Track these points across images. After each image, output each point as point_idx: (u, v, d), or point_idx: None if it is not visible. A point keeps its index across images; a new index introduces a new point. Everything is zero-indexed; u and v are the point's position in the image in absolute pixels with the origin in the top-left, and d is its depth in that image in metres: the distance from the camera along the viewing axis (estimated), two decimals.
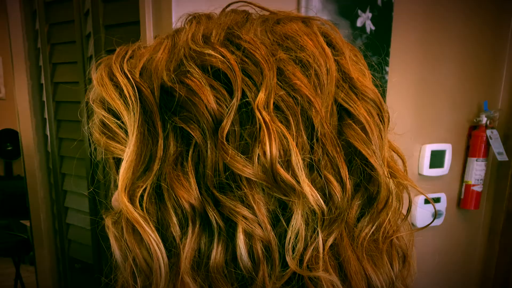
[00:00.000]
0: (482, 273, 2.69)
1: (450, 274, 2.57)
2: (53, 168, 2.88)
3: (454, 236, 2.49)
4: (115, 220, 0.66)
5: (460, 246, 2.55)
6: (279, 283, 0.62)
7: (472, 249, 2.62)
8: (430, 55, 2.15)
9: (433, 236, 2.40)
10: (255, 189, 0.61)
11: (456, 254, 2.55)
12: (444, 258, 2.50)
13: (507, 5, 2.34)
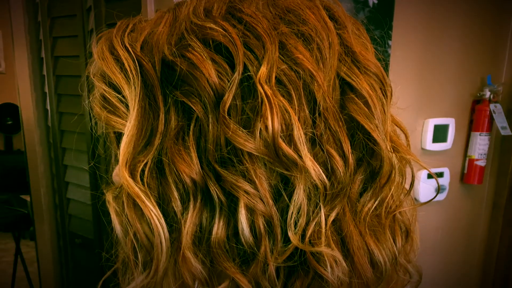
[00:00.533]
0: (486, 248, 2.70)
1: (453, 249, 2.57)
2: (54, 143, 2.88)
3: (457, 211, 2.49)
4: (116, 195, 0.66)
5: (463, 221, 2.55)
6: (281, 259, 0.62)
7: (476, 224, 2.62)
8: (433, 29, 2.13)
9: (436, 211, 2.40)
10: (257, 164, 0.60)
11: (460, 229, 2.56)
12: (447, 233, 2.51)
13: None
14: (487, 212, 2.63)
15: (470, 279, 2.73)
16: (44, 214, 3.38)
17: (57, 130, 2.78)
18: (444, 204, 2.40)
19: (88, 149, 2.51)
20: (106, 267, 0.77)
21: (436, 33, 2.15)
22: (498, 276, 2.70)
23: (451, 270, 2.61)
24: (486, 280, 2.74)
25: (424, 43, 2.13)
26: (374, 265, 0.66)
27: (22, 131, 3.23)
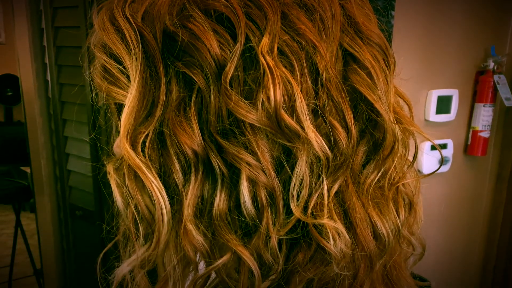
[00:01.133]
0: (489, 219, 2.71)
1: (457, 221, 2.58)
2: (54, 114, 2.87)
3: (461, 183, 2.49)
4: (116, 167, 0.66)
5: (467, 193, 2.55)
6: (283, 231, 0.62)
7: (480, 196, 2.63)
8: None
9: (440, 183, 2.40)
10: (259, 135, 0.60)
11: (463, 201, 2.56)
12: (451, 205, 2.51)
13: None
14: (491, 184, 2.63)
15: (474, 250, 2.75)
16: (44, 186, 3.38)
17: (58, 101, 2.77)
18: (448, 176, 2.40)
19: (89, 120, 2.51)
20: (107, 239, 0.77)
21: (440, 3, 2.14)
22: (501, 248, 2.71)
23: (454, 242, 2.62)
24: (490, 252, 2.75)
25: (427, 14, 2.12)
26: (377, 238, 0.65)
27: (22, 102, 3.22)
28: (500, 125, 2.52)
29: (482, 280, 2.83)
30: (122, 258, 0.70)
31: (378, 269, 0.67)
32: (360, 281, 0.65)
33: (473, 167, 2.51)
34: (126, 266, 0.66)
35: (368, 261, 0.65)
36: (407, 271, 0.76)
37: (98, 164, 2.33)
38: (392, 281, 0.72)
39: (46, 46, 2.64)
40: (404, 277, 0.74)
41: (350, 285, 0.65)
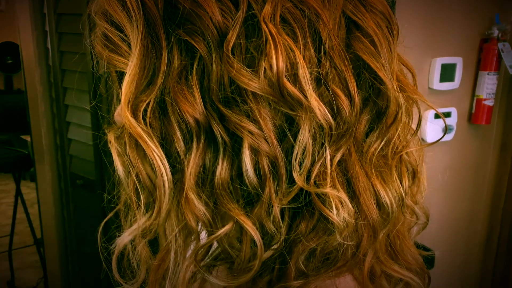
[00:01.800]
0: (494, 188, 2.71)
1: (461, 190, 2.58)
2: (54, 82, 2.86)
3: (465, 151, 2.49)
4: (117, 135, 0.66)
5: (471, 161, 2.55)
6: (286, 200, 0.62)
7: (484, 165, 2.63)
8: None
9: (444, 152, 2.40)
10: (261, 104, 0.60)
11: (467, 169, 2.56)
12: (455, 174, 2.51)
13: None
14: (495, 153, 2.63)
15: (478, 219, 2.75)
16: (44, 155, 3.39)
17: (58, 69, 2.76)
18: (452, 144, 2.40)
19: (90, 88, 2.50)
20: (108, 208, 0.77)
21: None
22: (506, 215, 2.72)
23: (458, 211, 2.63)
24: (494, 220, 2.76)
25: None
26: (381, 207, 0.65)
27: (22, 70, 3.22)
28: (504, 94, 2.51)
29: (486, 249, 2.84)
30: (123, 227, 0.70)
31: (381, 238, 0.67)
32: (363, 251, 0.65)
33: (477, 136, 2.50)
34: (127, 235, 0.67)
35: (371, 230, 0.65)
36: (411, 241, 0.76)
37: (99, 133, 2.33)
38: (396, 250, 0.72)
39: (46, 13, 2.63)
40: (408, 247, 0.74)
41: (353, 254, 0.65)
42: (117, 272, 0.69)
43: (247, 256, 0.63)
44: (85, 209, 3.05)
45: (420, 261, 0.75)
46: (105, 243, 0.71)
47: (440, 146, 2.35)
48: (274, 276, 0.65)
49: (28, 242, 5.33)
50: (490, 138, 2.58)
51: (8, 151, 4.67)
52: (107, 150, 0.67)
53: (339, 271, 0.65)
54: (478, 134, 2.51)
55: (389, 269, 0.71)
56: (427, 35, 2.15)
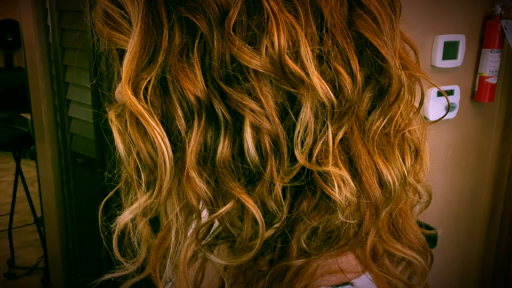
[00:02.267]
0: (497, 166, 2.71)
1: (464, 168, 2.58)
2: (55, 60, 2.86)
3: (468, 129, 2.49)
4: (118, 113, 0.66)
5: (474, 140, 2.55)
6: (288, 178, 0.62)
7: (487, 143, 2.63)
8: None
9: (446, 130, 2.40)
10: (262, 81, 0.59)
11: (470, 148, 2.56)
12: (458, 152, 2.51)
13: None
14: (498, 131, 2.62)
15: (481, 198, 2.75)
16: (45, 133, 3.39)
17: (59, 47, 2.76)
18: (455, 122, 2.39)
19: (90, 66, 2.50)
20: (108, 187, 0.77)
21: None
22: (509, 193, 2.72)
23: (461, 189, 2.63)
24: (497, 198, 2.76)
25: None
26: (383, 185, 0.65)
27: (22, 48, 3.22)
28: (507, 71, 2.50)
29: (489, 227, 2.85)
30: (124, 206, 0.70)
31: (383, 217, 0.67)
32: (365, 230, 0.65)
33: (480, 114, 2.50)
34: (128, 214, 0.67)
35: (374, 209, 0.65)
36: (413, 219, 0.76)
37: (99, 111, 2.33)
38: (398, 229, 0.72)
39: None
40: (410, 225, 0.74)
41: (355, 233, 0.65)
42: (118, 251, 0.69)
43: (248, 235, 0.63)
44: (86, 188, 3.06)
45: (423, 240, 0.75)
46: (105, 222, 0.71)
47: (443, 124, 2.35)
48: (276, 255, 0.65)
49: (28, 220, 5.35)
50: (493, 116, 2.57)
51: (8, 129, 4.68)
52: (108, 128, 0.67)
53: (341, 250, 0.65)
54: (481, 112, 2.50)
55: (391, 248, 0.71)
56: (429, 12, 2.14)
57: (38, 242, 4.91)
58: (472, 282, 2.96)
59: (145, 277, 0.69)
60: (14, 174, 4.68)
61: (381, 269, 0.72)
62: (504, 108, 2.58)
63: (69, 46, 2.72)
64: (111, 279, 0.71)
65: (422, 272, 0.75)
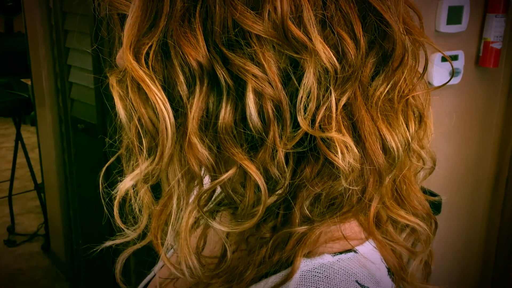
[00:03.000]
0: (501, 132, 2.70)
1: (468, 134, 2.58)
2: (55, 25, 2.85)
3: (472, 95, 2.48)
4: (119, 79, 0.65)
5: (478, 105, 2.54)
6: (290, 144, 0.61)
7: (491, 108, 2.62)
8: None
9: (451, 95, 2.39)
10: (265, 47, 0.59)
11: (475, 113, 2.55)
12: (462, 117, 2.50)
13: None
14: (503, 96, 2.62)
15: (486, 163, 2.75)
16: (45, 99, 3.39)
17: (59, 12, 2.74)
18: (459, 88, 2.38)
19: (91, 31, 2.48)
20: (109, 153, 0.77)
21: None
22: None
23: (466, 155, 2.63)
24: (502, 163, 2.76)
25: None
26: (386, 151, 0.65)
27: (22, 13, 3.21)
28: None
29: (494, 193, 2.85)
30: (125, 172, 0.71)
31: (387, 183, 0.67)
32: (369, 196, 0.65)
33: (485, 79, 2.48)
34: (129, 180, 0.67)
35: (377, 175, 0.64)
36: (417, 186, 0.76)
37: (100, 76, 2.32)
38: (402, 196, 0.72)
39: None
40: (414, 192, 0.74)
41: (358, 200, 0.65)
42: (119, 218, 0.70)
43: (251, 202, 0.63)
44: (87, 154, 3.06)
45: (427, 207, 0.75)
46: (106, 188, 0.71)
47: (447, 90, 2.34)
48: (279, 222, 0.65)
49: (29, 187, 5.37)
50: (497, 81, 2.56)
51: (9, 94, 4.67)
52: (109, 93, 0.66)
53: (344, 216, 0.65)
54: (486, 78, 2.49)
55: (395, 214, 0.71)
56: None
57: (38, 208, 4.93)
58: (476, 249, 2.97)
59: (146, 244, 0.69)
60: (14, 140, 4.68)
61: (384, 236, 0.72)
62: (508, 73, 2.57)
63: (69, 11, 2.71)
64: (112, 246, 0.71)
65: (426, 239, 0.75)
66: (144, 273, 0.96)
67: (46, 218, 4.38)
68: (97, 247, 0.75)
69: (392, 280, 0.70)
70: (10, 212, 4.86)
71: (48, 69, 3.28)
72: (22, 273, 4.23)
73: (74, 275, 3.98)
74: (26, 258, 4.45)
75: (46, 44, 3.21)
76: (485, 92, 2.53)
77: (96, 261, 2.99)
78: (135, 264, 2.66)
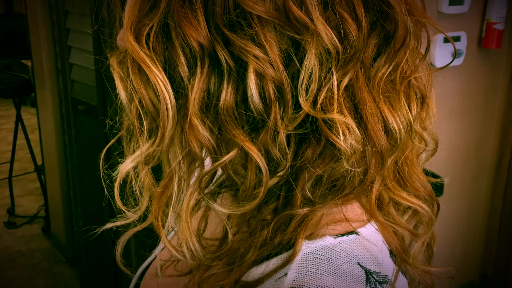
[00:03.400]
0: (504, 113, 2.70)
1: (471, 115, 2.58)
2: (56, 5, 2.84)
3: (474, 76, 2.48)
4: (120, 60, 0.65)
5: (481, 87, 2.54)
6: (292, 126, 0.61)
7: (494, 90, 2.62)
8: None
9: (453, 77, 2.38)
10: (266, 28, 0.59)
11: (477, 94, 2.55)
12: (464, 99, 2.50)
13: None
14: (506, 77, 2.61)
15: (488, 144, 2.76)
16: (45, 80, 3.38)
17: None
18: (461, 69, 2.38)
19: (92, 12, 2.48)
20: (110, 134, 0.77)
21: None
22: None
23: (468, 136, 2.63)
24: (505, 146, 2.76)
25: None
26: (388, 133, 0.65)
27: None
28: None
29: (496, 175, 2.85)
30: (125, 154, 0.70)
31: (389, 165, 0.67)
32: (370, 178, 0.65)
33: (487, 60, 2.48)
34: (130, 162, 0.67)
35: (379, 157, 0.64)
36: (419, 168, 0.75)
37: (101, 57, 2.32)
38: (404, 177, 0.72)
39: None
40: (416, 174, 0.74)
41: (360, 181, 0.65)
42: (120, 200, 0.70)
43: (252, 183, 0.63)
44: (87, 135, 3.06)
45: (429, 188, 0.75)
46: (107, 170, 0.72)
47: (449, 71, 2.33)
48: (280, 204, 0.65)
49: (29, 169, 5.37)
50: (500, 62, 2.56)
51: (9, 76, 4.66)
52: (109, 75, 0.66)
53: (346, 198, 0.65)
54: (488, 59, 2.48)
55: (397, 196, 0.71)
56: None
57: (38, 190, 4.93)
58: (479, 231, 2.98)
59: (147, 226, 0.69)
60: (14, 121, 4.68)
61: (386, 218, 0.72)
62: (511, 54, 2.56)
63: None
64: (112, 228, 0.71)
65: (428, 221, 0.75)
66: (144, 255, 0.96)
67: (46, 200, 4.38)
68: (98, 229, 0.75)
69: (394, 262, 0.70)
70: (10, 194, 4.87)
71: (49, 50, 3.28)
72: (22, 255, 4.24)
73: (74, 257, 4.00)
74: (26, 240, 4.46)
75: (46, 25, 3.20)
76: (488, 73, 2.53)
77: (96, 243, 2.99)
78: (136, 246, 2.66)
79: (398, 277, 0.68)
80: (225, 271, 0.67)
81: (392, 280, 0.67)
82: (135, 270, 0.93)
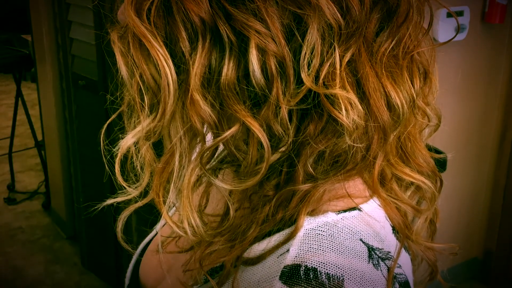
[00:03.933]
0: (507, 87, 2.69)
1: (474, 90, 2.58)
2: None
3: (478, 51, 2.47)
4: (121, 35, 0.65)
5: (484, 61, 2.53)
6: (294, 101, 0.61)
7: (497, 64, 2.61)
8: None
9: (456, 52, 2.37)
10: (268, 2, 0.58)
11: (480, 70, 2.55)
12: (468, 74, 2.50)
13: None
14: (509, 52, 2.61)
15: (491, 119, 2.76)
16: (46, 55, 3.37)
17: None
18: (464, 44, 2.37)
19: None
20: (111, 110, 0.77)
21: None
22: None
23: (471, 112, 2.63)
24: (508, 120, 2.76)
25: None
26: (391, 108, 0.64)
27: None
28: None
29: (499, 151, 2.85)
30: (126, 129, 0.70)
31: (392, 141, 0.67)
32: (373, 154, 0.65)
33: (491, 35, 2.47)
34: (130, 137, 0.66)
35: (382, 132, 0.64)
36: (422, 143, 0.75)
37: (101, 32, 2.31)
38: (407, 153, 0.72)
39: None
40: (419, 149, 0.74)
41: (362, 157, 0.64)
42: (120, 176, 0.70)
43: (254, 159, 0.63)
44: (88, 111, 3.05)
45: (432, 164, 0.75)
46: (108, 146, 0.72)
47: (453, 46, 2.32)
48: (282, 180, 0.65)
49: (29, 144, 5.37)
50: (503, 37, 2.55)
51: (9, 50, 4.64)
52: (110, 50, 0.66)
53: (348, 174, 0.65)
54: (491, 34, 2.47)
55: (399, 172, 0.71)
56: None
57: (39, 166, 4.94)
58: (482, 207, 2.99)
59: (148, 202, 0.69)
60: (14, 97, 4.66)
61: (389, 194, 0.72)
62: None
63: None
64: (113, 204, 0.71)
65: (431, 197, 0.75)
66: (145, 231, 0.96)
67: (46, 176, 4.39)
68: (98, 205, 0.75)
69: (396, 238, 0.70)
70: (10, 169, 4.87)
71: (49, 25, 3.27)
72: (22, 231, 4.25)
73: (75, 233, 4.01)
74: (26, 216, 4.47)
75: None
76: (491, 48, 2.52)
77: (97, 219, 3.00)
78: (137, 222, 2.67)
79: (400, 253, 0.68)
80: (227, 247, 0.67)
81: (394, 257, 0.67)
82: (136, 246, 0.93)
